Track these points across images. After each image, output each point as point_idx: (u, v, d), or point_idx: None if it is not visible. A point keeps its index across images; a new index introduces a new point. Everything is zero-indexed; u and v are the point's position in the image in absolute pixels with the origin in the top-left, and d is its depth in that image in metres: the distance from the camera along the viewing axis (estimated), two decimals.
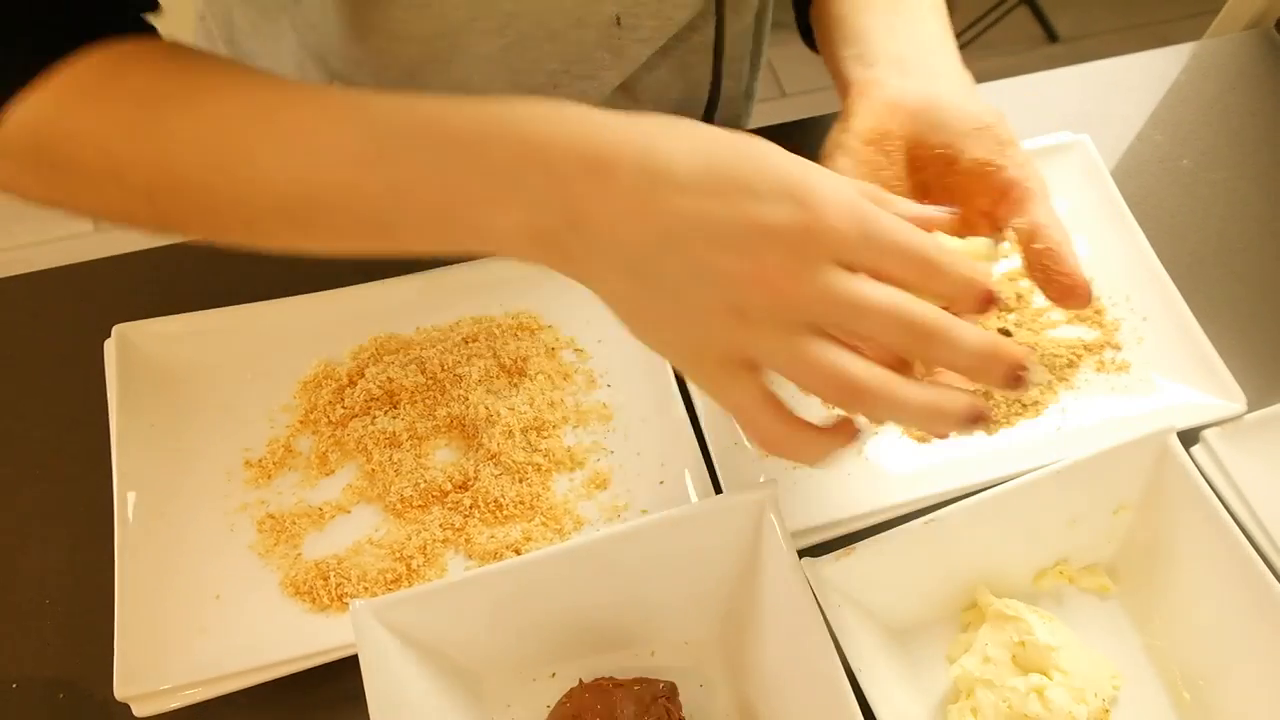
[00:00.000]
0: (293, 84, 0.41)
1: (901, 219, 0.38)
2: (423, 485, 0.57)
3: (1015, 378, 0.38)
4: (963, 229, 0.46)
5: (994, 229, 0.48)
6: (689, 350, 0.39)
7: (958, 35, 0.54)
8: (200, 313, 0.61)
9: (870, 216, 0.37)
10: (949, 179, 0.48)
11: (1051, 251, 0.45)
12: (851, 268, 0.37)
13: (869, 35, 0.52)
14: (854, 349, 0.37)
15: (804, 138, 0.74)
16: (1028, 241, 0.46)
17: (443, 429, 0.60)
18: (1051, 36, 2.17)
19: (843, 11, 0.54)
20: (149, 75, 0.41)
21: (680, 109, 0.68)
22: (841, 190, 0.37)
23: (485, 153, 0.37)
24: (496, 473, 0.58)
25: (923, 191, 0.48)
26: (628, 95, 0.65)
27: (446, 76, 0.61)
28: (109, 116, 0.40)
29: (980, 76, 0.54)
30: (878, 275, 0.37)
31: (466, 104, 0.38)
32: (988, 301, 0.39)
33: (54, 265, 0.67)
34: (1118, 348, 0.63)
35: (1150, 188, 0.72)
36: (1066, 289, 0.45)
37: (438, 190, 0.38)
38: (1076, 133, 0.71)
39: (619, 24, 0.59)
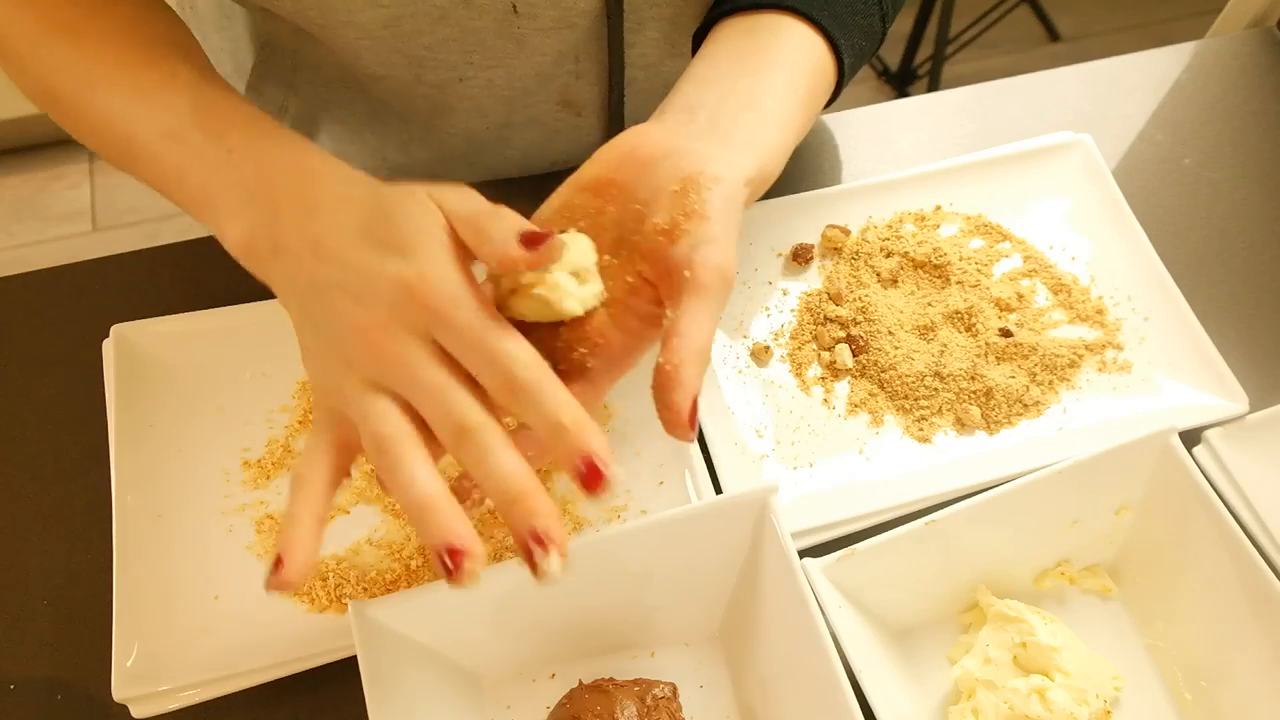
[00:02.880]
0: (164, 54, 0.49)
1: (504, 329, 0.39)
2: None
3: (531, 531, 0.37)
4: (629, 297, 0.44)
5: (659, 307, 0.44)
6: (321, 387, 0.42)
7: (959, 35, 0.53)
8: (199, 313, 0.61)
9: (464, 303, 0.39)
10: (634, 238, 0.44)
11: (663, 374, 0.41)
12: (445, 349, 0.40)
13: (685, 83, 0.50)
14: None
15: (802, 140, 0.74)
16: (663, 343, 0.41)
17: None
18: (1053, 35, 2.17)
19: (698, 54, 0.52)
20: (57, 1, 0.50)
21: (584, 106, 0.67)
22: (450, 271, 0.40)
23: (239, 172, 0.45)
24: None
25: (625, 248, 0.45)
26: (539, 77, 0.64)
27: (336, 52, 0.60)
28: (18, 22, 0.49)
29: (981, 76, 0.54)
30: (465, 366, 0.40)
31: (256, 125, 0.47)
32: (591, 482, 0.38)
33: (52, 265, 0.67)
34: (1119, 348, 0.63)
35: (1152, 187, 0.72)
36: (668, 420, 0.41)
37: (201, 186, 0.46)
38: (1078, 132, 0.70)
39: (515, 11, 0.58)
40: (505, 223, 0.40)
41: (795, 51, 0.51)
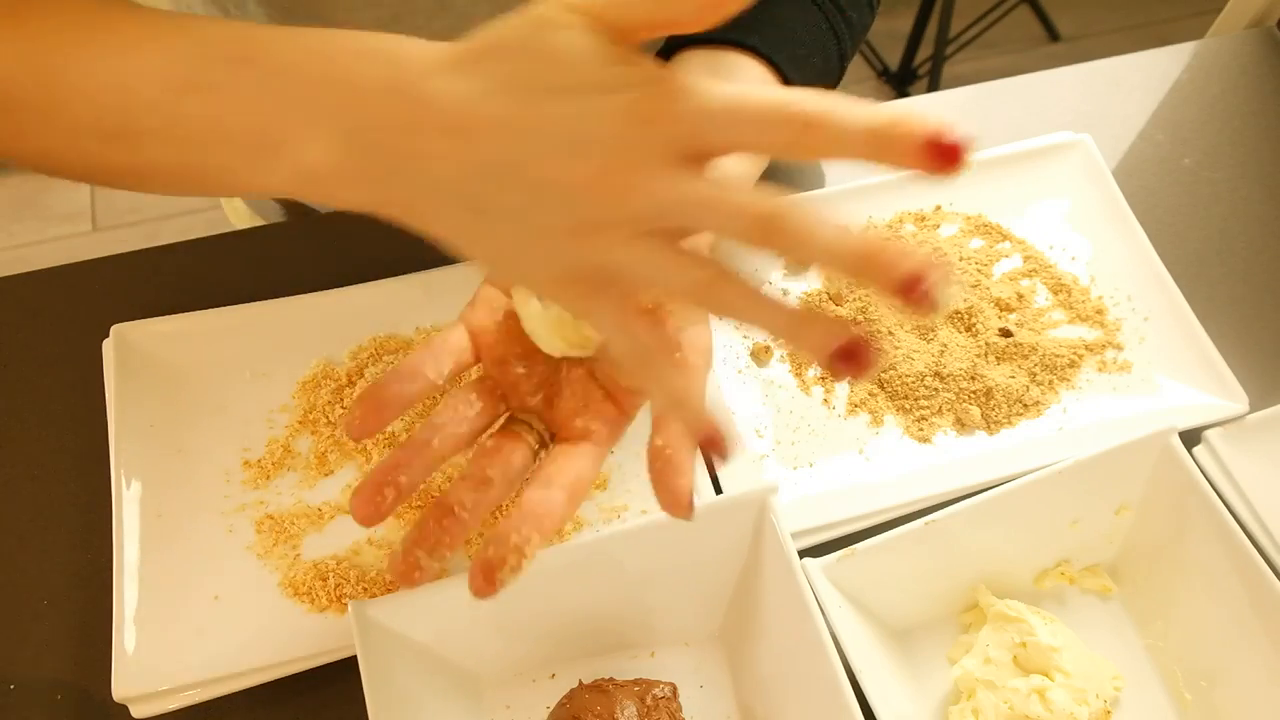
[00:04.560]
0: (125, 2, 0.40)
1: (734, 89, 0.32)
2: (421, 486, 0.57)
3: (912, 274, 0.29)
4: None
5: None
6: (547, 275, 0.35)
7: (959, 35, 0.53)
8: (199, 313, 0.61)
9: (715, 90, 0.32)
10: None
11: (661, 459, 0.38)
12: (699, 153, 0.33)
13: None
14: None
15: None
16: (656, 422, 0.39)
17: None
18: (1053, 35, 2.17)
19: None
20: None
21: None
22: (674, 74, 0.33)
23: (287, 94, 0.35)
24: None
25: None
26: None
27: None
28: None
29: (981, 76, 0.54)
30: (734, 147, 0.32)
31: (295, 35, 0.37)
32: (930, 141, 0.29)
33: (52, 264, 0.67)
34: (1119, 348, 0.63)
35: (1152, 187, 0.72)
36: (667, 503, 0.39)
37: (253, 117, 0.36)
38: (1078, 132, 0.70)
39: None
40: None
41: None
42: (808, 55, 0.53)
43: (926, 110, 0.30)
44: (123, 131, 0.38)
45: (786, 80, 0.52)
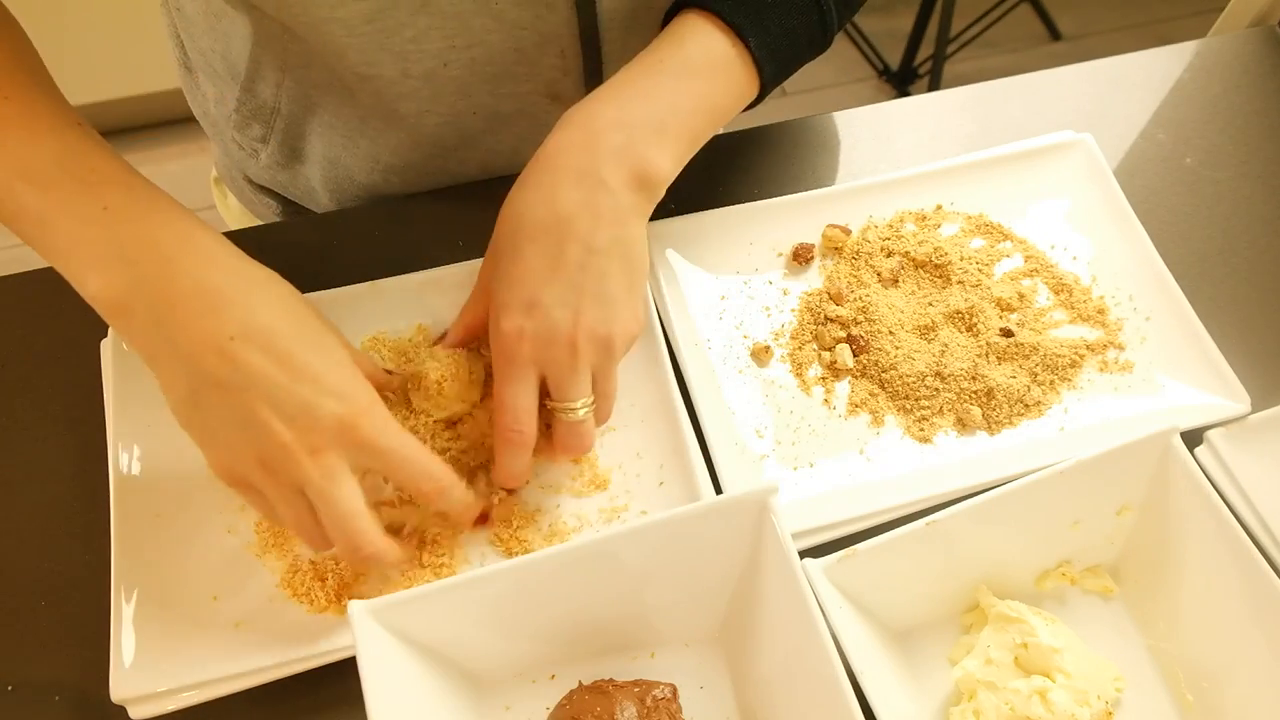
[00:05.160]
0: (20, 83, 0.48)
1: (427, 453, 0.50)
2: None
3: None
4: None
5: None
6: (213, 460, 0.47)
7: (959, 34, 0.53)
8: None
9: (399, 439, 0.48)
10: None
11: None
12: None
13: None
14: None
15: (804, 136, 0.74)
16: None
17: (443, 429, 0.59)
18: (1054, 34, 2.17)
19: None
20: None
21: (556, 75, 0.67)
22: (383, 410, 0.48)
23: (114, 231, 0.45)
24: None
25: None
26: (522, 61, 0.64)
27: (323, 51, 0.61)
28: None
29: (982, 75, 0.53)
30: (389, 477, 0.51)
31: (134, 187, 0.47)
32: (481, 521, 0.55)
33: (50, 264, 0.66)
34: (1121, 348, 0.63)
35: (1153, 187, 0.72)
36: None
37: (68, 235, 0.45)
38: (1079, 131, 0.70)
39: None
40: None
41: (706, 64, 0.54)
42: (780, 20, 0.56)
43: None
44: None
45: (747, 46, 0.55)
